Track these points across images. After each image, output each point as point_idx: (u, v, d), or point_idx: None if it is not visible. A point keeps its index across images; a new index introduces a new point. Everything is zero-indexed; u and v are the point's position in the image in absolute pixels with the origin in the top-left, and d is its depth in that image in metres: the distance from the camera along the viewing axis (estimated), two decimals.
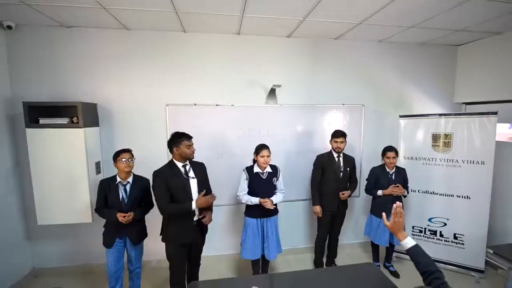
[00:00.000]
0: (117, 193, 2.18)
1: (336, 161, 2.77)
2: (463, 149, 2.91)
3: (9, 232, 2.69)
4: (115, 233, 2.21)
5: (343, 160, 2.79)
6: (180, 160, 2.16)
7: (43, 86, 2.71)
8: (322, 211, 2.81)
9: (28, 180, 2.68)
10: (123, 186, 2.20)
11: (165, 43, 2.87)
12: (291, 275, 1.88)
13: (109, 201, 2.19)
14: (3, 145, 2.63)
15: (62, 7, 2.24)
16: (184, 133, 2.16)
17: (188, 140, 2.14)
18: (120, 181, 2.19)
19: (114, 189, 2.18)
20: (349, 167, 2.80)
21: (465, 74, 3.42)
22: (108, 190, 2.18)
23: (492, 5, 2.20)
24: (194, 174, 2.21)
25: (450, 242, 3.03)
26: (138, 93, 2.89)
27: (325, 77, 3.21)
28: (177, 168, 2.14)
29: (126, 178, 2.21)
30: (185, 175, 2.15)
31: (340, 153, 2.79)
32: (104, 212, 2.18)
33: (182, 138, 2.12)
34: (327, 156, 2.81)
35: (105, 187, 2.19)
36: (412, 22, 2.62)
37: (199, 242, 2.33)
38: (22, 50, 2.67)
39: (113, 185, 2.18)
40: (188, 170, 2.18)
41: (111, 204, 2.18)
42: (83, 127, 2.52)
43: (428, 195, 3.11)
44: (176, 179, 2.11)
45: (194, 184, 2.18)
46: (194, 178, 2.19)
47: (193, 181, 2.18)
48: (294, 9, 2.30)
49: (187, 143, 2.12)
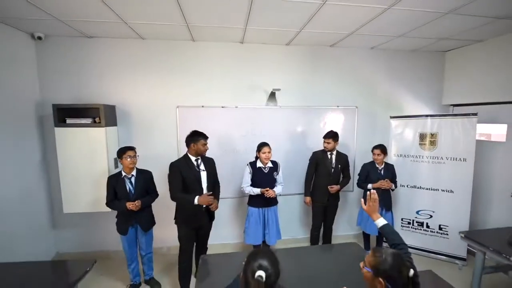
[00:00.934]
0: (124, 186, 2.48)
1: (328, 158, 3.06)
2: (447, 147, 3.17)
3: (37, 220, 3.03)
4: (127, 222, 2.51)
5: (336, 157, 3.07)
6: (193, 155, 2.48)
7: (69, 90, 3.05)
8: (315, 202, 3.11)
9: (54, 173, 3.04)
10: (129, 179, 2.50)
11: (176, 51, 3.19)
12: (287, 251, 2.19)
13: (118, 194, 2.48)
14: (33, 142, 2.97)
15: (89, 22, 2.57)
16: (203, 133, 2.48)
17: (204, 140, 2.47)
18: (125, 175, 2.49)
19: (121, 183, 2.48)
20: (341, 164, 3.08)
21: (452, 78, 3.68)
22: (116, 184, 2.47)
23: (471, 18, 2.47)
24: (205, 167, 2.53)
25: (435, 232, 3.30)
26: (151, 96, 3.21)
27: (321, 81, 3.50)
28: (190, 161, 2.46)
29: (130, 172, 2.51)
30: (197, 167, 2.48)
31: (333, 151, 3.07)
32: (115, 204, 2.48)
33: (200, 137, 2.45)
34: (321, 153, 3.10)
35: (113, 182, 2.48)
36: (400, 32, 2.90)
37: (206, 227, 2.63)
38: (50, 58, 3.00)
39: (120, 179, 2.48)
40: (199, 164, 2.50)
41: (120, 196, 2.47)
42: (104, 126, 2.84)
43: (416, 189, 3.38)
44: (189, 170, 2.43)
45: (204, 176, 2.51)
46: (204, 171, 2.52)
47: (203, 173, 2.51)
48: (291, 22, 2.60)
49: (203, 142, 2.45)
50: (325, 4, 2.15)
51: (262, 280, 0.98)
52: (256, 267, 1.02)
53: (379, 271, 1.12)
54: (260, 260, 1.05)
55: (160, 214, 2.76)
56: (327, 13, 2.33)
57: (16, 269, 1.85)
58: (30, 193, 2.91)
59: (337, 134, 3.03)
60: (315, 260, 2.11)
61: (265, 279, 0.99)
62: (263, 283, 0.98)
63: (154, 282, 2.72)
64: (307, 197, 3.15)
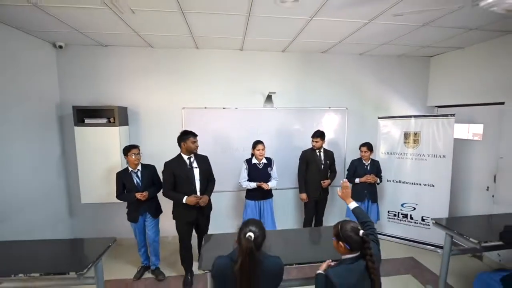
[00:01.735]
0: (132, 180, 2.79)
1: (317, 156, 3.33)
2: (428, 145, 3.47)
3: (57, 209, 3.37)
4: (137, 211, 2.81)
5: (324, 154, 3.34)
6: (186, 153, 2.66)
7: (86, 93, 3.39)
8: (308, 198, 3.36)
9: (72, 168, 3.39)
10: (135, 173, 2.81)
11: (181, 58, 3.53)
12: (280, 232, 2.51)
13: (127, 187, 2.78)
14: (54, 139, 3.32)
15: (105, 33, 2.91)
16: (191, 131, 2.65)
17: (193, 137, 2.64)
18: (132, 170, 2.80)
19: (129, 177, 2.78)
20: (328, 160, 3.36)
21: (437, 81, 3.98)
22: (124, 179, 2.78)
23: (445, 29, 2.77)
24: (197, 164, 2.70)
25: (418, 223, 3.59)
26: (159, 98, 3.55)
27: (314, 84, 3.82)
28: (182, 160, 2.65)
29: (135, 167, 2.81)
30: (189, 165, 2.66)
31: (320, 149, 3.34)
32: (125, 196, 2.79)
33: (188, 135, 2.62)
34: (310, 152, 3.35)
35: (122, 177, 2.78)
36: (384, 41, 3.20)
37: (201, 220, 2.78)
38: (69, 64, 3.35)
39: (128, 174, 2.79)
40: (192, 162, 2.68)
41: (129, 189, 2.78)
42: (118, 126, 3.18)
43: (401, 184, 3.68)
44: (181, 168, 2.62)
45: (197, 173, 2.68)
46: (197, 168, 2.69)
47: (196, 170, 2.68)
48: (284, 33, 2.92)
49: (192, 139, 2.62)
50: (312, 19, 2.47)
51: (251, 239, 1.30)
52: (247, 230, 1.34)
53: (339, 237, 1.45)
54: (250, 226, 1.37)
55: (165, 207, 3.06)
56: (315, 26, 2.65)
57: (45, 245, 2.17)
58: (51, 185, 3.26)
59: (323, 133, 3.28)
60: (303, 239, 2.42)
61: (253, 239, 1.31)
62: (252, 241, 1.30)
63: (158, 272, 2.97)
64: (303, 194, 3.33)
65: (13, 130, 2.70)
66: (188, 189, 2.63)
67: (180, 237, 2.76)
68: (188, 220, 2.69)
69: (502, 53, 3.03)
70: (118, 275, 2.93)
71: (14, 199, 2.69)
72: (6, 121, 2.62)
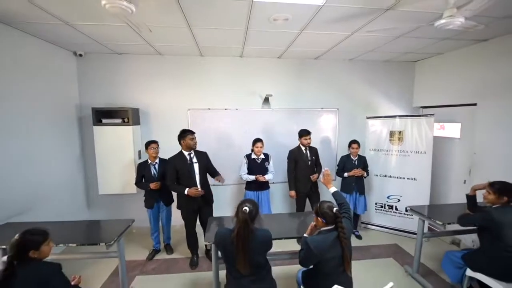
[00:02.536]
0: (150, 171, 3.20)
1: (304, 153, 3.62)
2: (411, 142, 3.81)
3: (76, 201, 3.78)
4: (152, 198, 3.23)
5: (309, 151, 3.64)
6: (186, 150, 2.95)
7: (102, 96, 3.80)
8: (298, 193, 3.61)
9: (90, 163, 3.78)
10: (153, 166, 3.22)
11: (187, 64, 3.92)
12: (274, 215, 2.88)
13: (145, 177, 3.20)
14: (75, 138, 3.73)
15: (120, 44, 3.31)
16: (189, 130, 2.95)
17: (191, 135, 2.92)
18: (151, 162, 3.21)
19: (148, 169, 3.20)
20: (314, 156, 3.66)
21: (421, 84, 4.32)
22: (144, 170, 3.20)
23: (421, 39, 3.13)
24: (197, 160, 2.98)
25: (403, 214, 3.93)
26: (167, 100, 3.95)
27: (307, 87, 4.19)
28: (183, 156, 2.95)
29: (154, 160, 3.22)
30: (189, 161, 2.95)
31: (307, 146, 3.63)
32: (141, 184, 3.20)
33: (187, 133, 2.92)
34: (297, 150, 3.63)
35: (142, 168, 3.21)
36: (369, 49, 3.56)
37: (205, 209, 3.06)
38: (88, 70, 3.76)
39: (147, 166, 3.20)
40: (192, 157, 2.97)
41: (147, 179, 3.19)
42: (131, 125, 3.58)
43: (387, 178, 4.03)
44: (182, 163, 2.92)
45: (196, 167, 2.97)
46: (197, 163, 2.98)
47: (196, 165, 2.97)
48: (279, 43, 3.29)
49: (190, 137, 2.91)
50: (301, 33, 2.85)
51: (246, 211, 1.68)
52: (244, 206, 1.72)
53: (318, 213, 1.82)
54: (246, 203, 1.75)
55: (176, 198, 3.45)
56: (304, 38, 3.02)
57: (74, 225, 2.56)
58: (72, 177, 3.66)
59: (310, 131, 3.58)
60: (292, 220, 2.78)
61: (248, 212, 1.69)
62: (247, 213, 1.68)
63: (169, 247, 3.44)
64: (292, 191, 3.55)
65: (41, 129, 3.10)
66: (189, 182, 2.92)
67: (186, 224, 3.11)
68: (191, 209, 3.00)
69: (474, 60, 3.38)
70: (132, 257, 3.31)
71: (40, 190, 3.08)
72: (35, 121, 3.03)
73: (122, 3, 1.53)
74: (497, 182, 2.16)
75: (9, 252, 1.51)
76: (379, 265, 3.19)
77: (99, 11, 2.22)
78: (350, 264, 1.78)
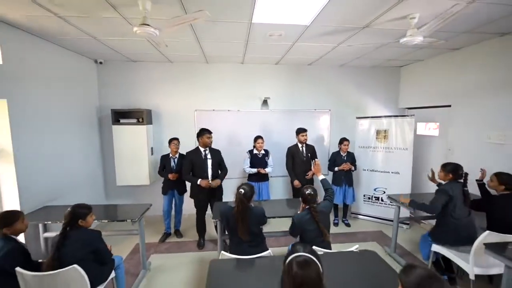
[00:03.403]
0: (170, 163, 3.70)
1: (300, 150, 4.04)
2: (395, 140, 4.24)
3: (96, 191, 4.26)
4: (168, 186, 3.71)
5: (306, 148, 4.08)
6: (202, 146, 3.38)
7: (119, 99, 4.28)
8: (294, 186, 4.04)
9: (108, 158, 4.26)
10: (173, 159, 3.71)
11: (194, 70, 4.39)
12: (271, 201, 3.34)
13: (166, 168, 3.69)
14: (95, 136, 4.22)
15: (137, 53, 3.79)
16: (207, 129, 3.44)
17: (208, 134, 3.36)
18: (172, 156, 3.70)
19: (168, 161, 3.70)
20: (310, 152, 4.09)
21: (406, 87, 4.76)
22: (165, 162, 3.70)
23: (399, 48, 3.57)
24: (211, 156, 3.41)
25: (388, 204, 4.36)
26: (176, 102, 4.42)
27: (302, 90, 4.65)
28: (199, 151, 3.40)
29: (174, 154, 3.72)
30: (204, 156, 3.40)
31: (304, 144, 4.06)
32: (162, 173, 3.70)
33: (204, 132, 3.35)
34: (294, 148, 4.07)
35: (164, 159, 3.71)
36: (354, 57, 4.01)
37: (213, 201, 3.34)
38: (107, 76, 4.25)
39: (168, 158, 3.70)
40: (206, 153, 3.40)
41: (167, 170, 3.68)
42: (145, 125, 4.06)
43: (374, 172, 4.46)
44: (198, 158, 3.36)
45: (209, 163, 3.38)
46: (210, 159, 3.40)
47: (209, 161, 3.38)
48: (275, 52, 3.75)
49: (207, 135, 3.35)
50: (294, 44, 3.30)
51: (241, 192, 2.14)
52: (240, 188, 2.18)
53: (302, 199, 2.26)
54: (243, 185, 2.21)
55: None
56: (297, 48, 3.48)
57: (103, 208, 3.03)
58: (93, 171, 4.15)
59: None
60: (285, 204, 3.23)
61: (243, 193, 2.15)
62: (242, 194, 2.14)
63: (179, 232, 3.90)
64: (296, 180, 3.90)
65: (68, 128, 3.58)
66: (202, 175, 3.33)
67: (197, 211, 3.54)
68: (202, 198, 3.41)
69: (448, 66, 3.81)
70: (146, 240, 3.78)
71: (68, 182, 3.55)
72: (63, 122, 3.50)
73: (149, 29, 2.00)
74: (447, 164, 2.64)
75: (64, 220, 1.98)
76: (363, 247, 3.58)
77: (124, 29, 2.70)
78: (326, 233, 2.20)
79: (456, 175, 2.56)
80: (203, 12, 1.74)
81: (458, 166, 2.59)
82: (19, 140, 2.71)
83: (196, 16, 1.79)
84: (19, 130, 2.72)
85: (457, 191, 2.50)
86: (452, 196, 2.47)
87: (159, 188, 3.85)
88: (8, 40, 2.62)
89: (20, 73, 2.77)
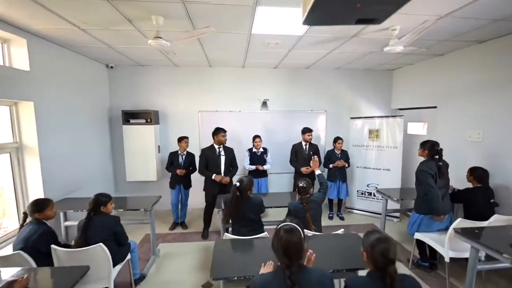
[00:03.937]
0: (178, 160, 4.00)
1: (303, 148, 4.34)
2: (386, 139, 4.53)
3: (107, 186, 4.57)
4: (175, 181, 4.01)
5: (309, 147, 4.36)
6: (217, 144, 3.66)
7: (129, 100, 4.61)
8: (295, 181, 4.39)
9: (118, 156, 4.58)
10: (182, 156, 4.02)
11: (198, 73, 4.70)
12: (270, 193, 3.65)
13: (174, 164, 4.00)
14: (106, 135, 4.54)
15: (146, 58, 4.11)
16: (222, 128, 3.70)
17: (223, 132, 3.64)
18: (180, 153, 4.01)
19: (177, 157, 4.00)
20: (312, 151, 4.36)
21: (398, 89, 5.04)
22: (174, 158, 4.00)
23: (386, 54, 3.85)
24: (224, 153, 3.70)
25: (379, 199, 4.65)
26: (182, 104, 4.73)
27: (299, 92, 4.94)
28: (214, 148, 3.69)
29: (183, 151, 4.02)
30: (218, 153, 3.70)
31: (307, 142, 4.37)
32: (170, 169, 4.00)
33: (220, 131, 3.63)
34: (298, 145, 4.38)
35: (173, 156, 4.01)
36: (348, 61, 4.30)
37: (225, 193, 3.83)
38: (117, 79, 4.57)
39: (177, 155, 4.01)
40: (220, 151, 3.70)
41: (175, 165, 3.99)
42: (153, 125, 4.37)
43: (366, 169, 4.75)
44: (212, 154, 3.65)
45: (222, 160, 3.69)
46: (224, 156, 3.71)
47: (222, 157, 3.68)
48: (273, 57, 4.05)
49: (222, 134, 3.63)
50: (290, 51, 3.61)
51: (236, 185, 2.44)
52: (237, 181, 2.48)
53: (297, 191, 2.56)
54: (242, 178, 2.51)
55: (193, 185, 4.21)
56: (294, 54, 3.78)
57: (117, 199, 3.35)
58: (104, 168, 4.47)
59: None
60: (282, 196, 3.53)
61: (238, 186, 2.44)
62: (236, 187, 2.44)
63: (184, 224, 4.21)
64: (303, 168, 4.13)
65: (83, 127, 3.88)
66: (215, 171, 3.61)
67: (206, 204, 3.81)
68: (213, 193, 3.63)
69: (434, 70, 4.10)
70: (156, 230, 4.10)
71: (84, 177, 3.86)
72: (79, 121, 3.81)
73: (162, 42, 2.31)
74: (425, 142, 2.89)
75: (88, 207, 2.30)
76: None
77: (136, 37, 3.01)
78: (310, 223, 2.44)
79: (432, 151, 2.78)
80: (209, 28, 2.04)
81: (434, 143, 2.82)
82: (43, 138, 3.03)
83: (203, 31, 2.09)
84: (43, 129, 3.03)
85: (434, 168, 2.74)
86: (432, 174, 2.71)
87: (166, 184, 4.17)
88: (35, 49, 2.94)
89: (44, 78, 3.09)
